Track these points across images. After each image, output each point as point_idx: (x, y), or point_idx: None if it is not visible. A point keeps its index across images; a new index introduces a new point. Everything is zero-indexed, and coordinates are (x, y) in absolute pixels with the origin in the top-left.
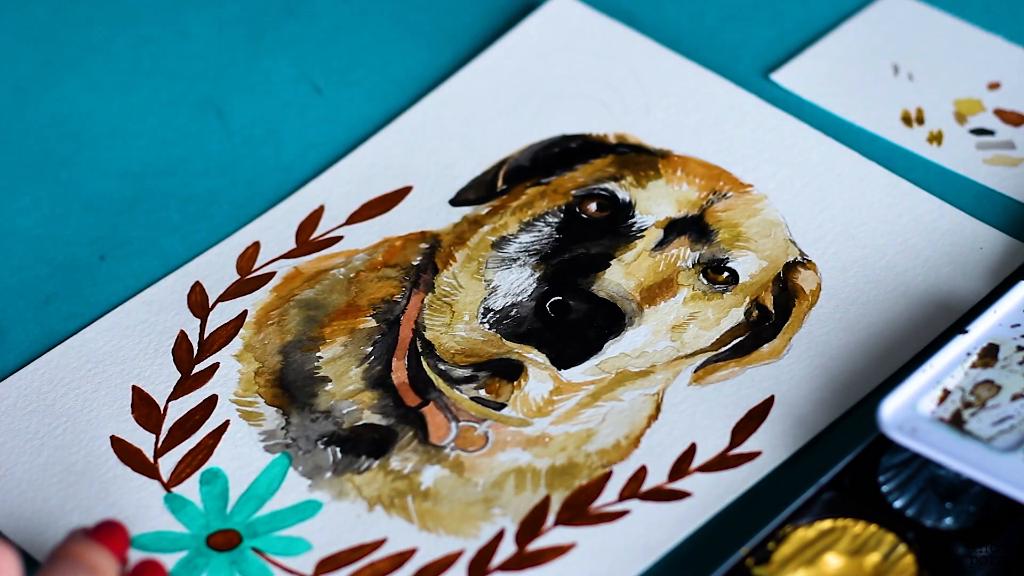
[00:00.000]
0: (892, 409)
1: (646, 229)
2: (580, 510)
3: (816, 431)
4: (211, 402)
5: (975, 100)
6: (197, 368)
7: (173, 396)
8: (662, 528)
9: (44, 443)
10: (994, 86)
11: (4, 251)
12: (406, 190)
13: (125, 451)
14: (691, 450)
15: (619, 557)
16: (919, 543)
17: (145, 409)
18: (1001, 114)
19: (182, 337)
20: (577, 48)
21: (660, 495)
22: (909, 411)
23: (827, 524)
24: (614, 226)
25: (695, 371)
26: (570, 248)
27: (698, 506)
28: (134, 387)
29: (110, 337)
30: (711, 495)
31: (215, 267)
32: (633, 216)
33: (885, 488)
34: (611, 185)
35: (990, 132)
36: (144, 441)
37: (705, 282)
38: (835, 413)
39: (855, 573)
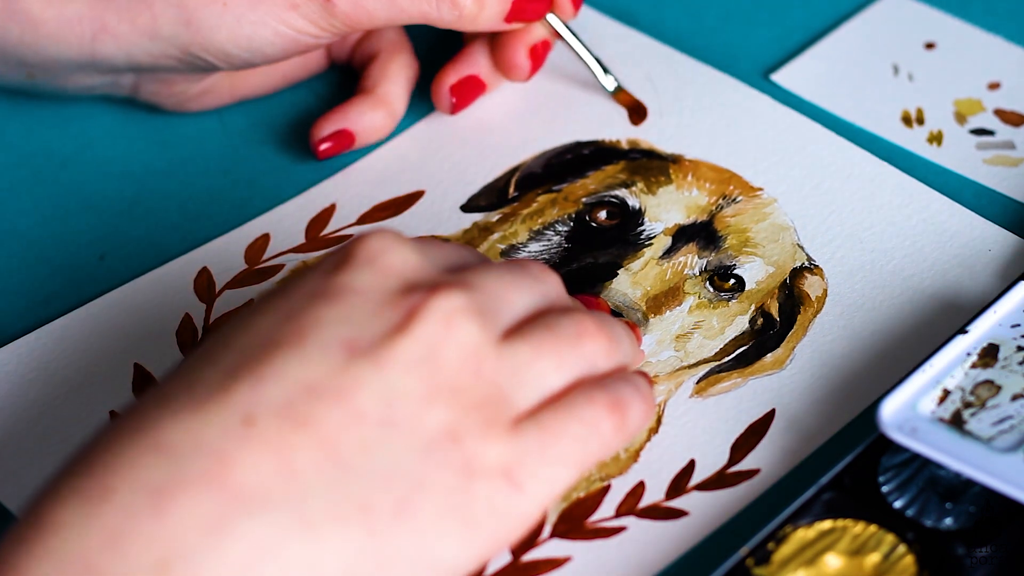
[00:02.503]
0: (892, 409)
1: (655, 237)
2: (576, 523)
3: (816, 445)
4: None
5: (975, 100)
6: None
7: None
8: (658, 547)
9: (43, 412)
10: (994, 86)
11: (4, 251)
12: (418, 194)
13: None
14: (690, 466)
15: (613, 574)
16: (919, 543)
17: (146, 387)
18: (1001, 114)
19: (187, 320)
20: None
21: (657, 513)
22: (909, 411)
23: (827, 524)
24: (623, 234)
25: (697, 382)
26: (578, 258)
27: (694, 526)
28: (136, 364)
29: (115, 313)
30: (708, 515)
31: (224, 255)
32: (642, 224)
33: (885, 488)
34: (622, 192)
35: (990, 132)
36: None
37: (711, 289)
38: (837, 425)
39: (855, 573)
